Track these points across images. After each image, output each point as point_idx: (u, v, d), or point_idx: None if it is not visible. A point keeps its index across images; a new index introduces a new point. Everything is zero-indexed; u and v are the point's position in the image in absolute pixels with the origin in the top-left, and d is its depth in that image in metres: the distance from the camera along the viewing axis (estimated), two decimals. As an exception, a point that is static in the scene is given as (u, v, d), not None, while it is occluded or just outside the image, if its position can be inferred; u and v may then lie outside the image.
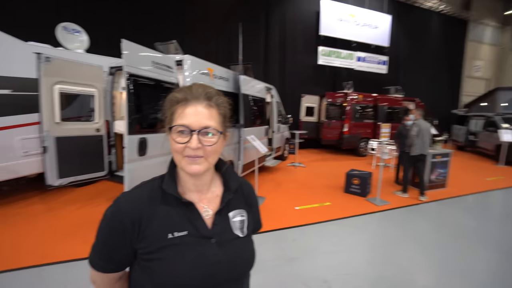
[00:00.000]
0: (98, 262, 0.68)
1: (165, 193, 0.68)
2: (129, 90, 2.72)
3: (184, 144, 0.63)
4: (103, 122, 4.03)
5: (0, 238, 2.89)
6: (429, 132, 4.67)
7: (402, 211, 4.19)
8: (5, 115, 3.62)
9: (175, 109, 0.66)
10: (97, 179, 4.06)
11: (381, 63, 11.73)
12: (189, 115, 0.64)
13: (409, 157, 4.74)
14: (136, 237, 0.65)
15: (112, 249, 0.66)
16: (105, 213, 0.68)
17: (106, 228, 0.67)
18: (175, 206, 0.69)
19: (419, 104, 9.88)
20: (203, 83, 0.71)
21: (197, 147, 0.63)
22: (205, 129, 0.64)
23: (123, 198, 0.68)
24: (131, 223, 0.65)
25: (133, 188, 0.71)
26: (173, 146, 0.65)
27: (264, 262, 2.60)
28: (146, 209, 0.66)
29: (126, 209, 0.66)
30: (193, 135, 0.63)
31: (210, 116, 0.66)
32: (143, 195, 0.69)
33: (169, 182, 0.70)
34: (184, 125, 0.63)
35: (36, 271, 2.37)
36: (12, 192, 4.23)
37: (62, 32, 4.80)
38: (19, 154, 3.78)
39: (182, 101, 0.66)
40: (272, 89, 6.60)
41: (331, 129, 9.03)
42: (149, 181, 0.73)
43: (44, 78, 3.33)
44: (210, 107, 0.66)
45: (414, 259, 2.82)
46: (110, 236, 0.66)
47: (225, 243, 0.71)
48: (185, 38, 8.00)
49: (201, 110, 0.65)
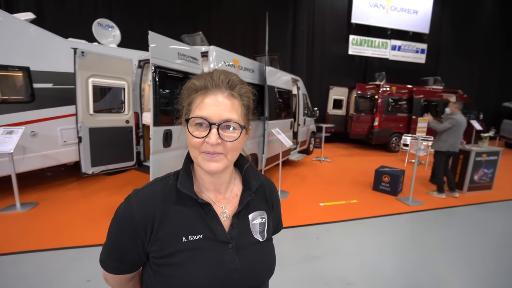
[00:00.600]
0: (108, 262, 0.64)
1: (180, 192, 0.62)
2: (155, 82, 2.75)
3: (202, 139, 0.57)
4: (132, 114, 4.19)
5: (43, 220, 3.16)
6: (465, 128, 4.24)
7: (437, 213, 3.85)
8: (48, 107, 3.92)
9: (193, 99, 0.60)
10: (126, 169, 4.27)
11: (418, 51, 10.78)
12: (209, 106, 0.57)
13: (438, 153, 4.36)
14: (147, 239, 0.61)
15: (123, 250, 0.62)
16: (116, 211, 0.64)
17: (116, 228, 0.63)
18: (190, 206, 0.63)
19: (461, 96, 8.98)
20: (226, 70, 0.63)
21: (217, 142, 0.56)
22: (226, 122, 0.57)
23: (134, 197, 0.63)
24: (143, 224, 0.60)
25: (145, 186, 0.66)
26: (189, 140, 0.58)
27: (285, 259, 2.54)
28: (158, 209, 0.61)
29: (137, 209, 0.61)
30: (212, 129, 0.56)
31: (232, 108, 0.59)
32: (156, 194, 0.63)
33: (184, 180, 0.63)
34: (203, 117, 0.56)
35: (73, 252, 2.55)
36: (54, 178, 4.61)
37: (97, 28, 5.04)
38: (60, 143, 4.09)
39: (201, 90, 0.59)
40: (299, 80, 6.39)
41: (360, 123, 8.58)
42: (163, 178, 0.68)
43: (80, 72, 3.51)
44: (233, 97, 0.59)
45: (450, 268, 2.57)
46: (120, 237, 0.62)
47: (243, 248, 0.65)
48: (212, 30, 8.04)
49: (222, 100, 0.58)
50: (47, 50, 3.89)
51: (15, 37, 3.54)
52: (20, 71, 3.62)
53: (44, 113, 3.89)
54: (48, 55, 3.90)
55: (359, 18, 9.80)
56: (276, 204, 0.80)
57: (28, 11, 4.59)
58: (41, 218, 3.19)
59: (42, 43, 3.83)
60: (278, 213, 0.83)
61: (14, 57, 3.54)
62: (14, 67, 3.57)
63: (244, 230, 0.67)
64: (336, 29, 9.85)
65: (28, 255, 2.47)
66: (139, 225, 0.60)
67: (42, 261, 2.41)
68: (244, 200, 0.68)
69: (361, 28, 9.97)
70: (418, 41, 10.70)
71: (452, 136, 4.18)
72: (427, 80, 9.64)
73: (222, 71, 0.61)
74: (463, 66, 11.63)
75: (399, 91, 8.55)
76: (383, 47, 10.31)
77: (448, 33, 11.27)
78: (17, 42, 3.56)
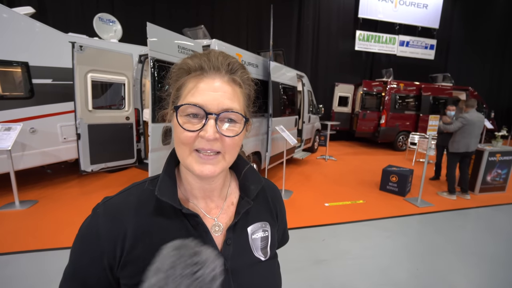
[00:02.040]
0: None
1: (160, 201, 0.50)
2: (154, 77, 2.64)
3: (195, 133, 0.45)
4: (133, 110, 4.09)
5: (42, 218, 3.10)
6: (480, 126, 4.04)
7: (447, 215, 3.69)
8: (47, 103, 3.85)
9: (184, 82, 0.48)
10: (126, 166, 4.19)
11: (428, 47, 10.50)
12: (205, 92, 0.45)
13: (449, 154, 4.19)
14: (117, 261, 0.48)
15: (86, 275, 0.49)
16: (81, 226, 0.51)
17: (79, 246, 0.50)
18: (173, 218, 0.50)
19: (472, 93, 8.71)
20: (224, 52, 0.50)
21: (214, 137, 0.45)
22: (226, 112, 0.46)
23: (103, 206, 0.51)
24: (111, 241, 0.48)
25: (118, 193, 0.53)
26: (178, 134, 0.46)
27: (289, 263, 2.43)
28: (131, 224, 0.49)
29: (104, 223, 0.49)
30: (209, 120, 0.44)
31: (234, 96, 0.47)
32: (129, 203, 0.51)
33: (165, 185, 0.51)
34: (198, 104, 0.44)
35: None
36: (54, 175, 4.56)
37: (98, 23, 4.95)
38: (60, 140, 4.02)
39: (195, 71, 0.47)
40: (304, 77, 6.23)
41: (367, 121, 8.39)
42: (141, 183, 0.55)
43: (78, 67, 3.42)
44: (234, 83, 0.48)
45: (463, 274, 2.42)
46: (84, 257, 0.49)
47: (241, 270, 0.52)
48: (215, 24, 7.90)
49: (221, 85, 0.46)
50: (47, 45, 3.80)
51: (14, 31, 3.45)
52: (18, 66, 3.54)
53: (44, 109, 3.81)
54: (48, 50, 3.81)
55: (366, 13, 9.56)
56: (281, 213, 0.67)
57: (29, 5, 4.52)
58: (40, 216, 3.12)
59: (42, 38, 3.74)
60: (284, 223, 0.69)
61: (12, 52, 3.46)
62: (13, 62, 3.49)
63: (242, 247, 0.54)
64: (343, 24, 9.63)
65: (27, 255, 2.40)
66: (107, 244, 0.48)
67: (41, 261, 2.34)
68: (242, 209, 0.55)
69: (368, 23, 9.73)
70: (427, 36, 10.41)
71: (465, 136, 4.00)
72: (436, 77, 9.37)
73: (221, 52, 0.49)
74: (474, 63, 11.28)
75: (407, 88, 8.33)
76: (390, 43, 10.05)
77: (459, 28, 10.93)
78: (15, 37, 3.47)
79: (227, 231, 0.54)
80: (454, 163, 4.21)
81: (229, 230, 0.54)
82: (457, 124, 4.02)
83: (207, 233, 0.52)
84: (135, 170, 4.97)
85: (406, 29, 10.13)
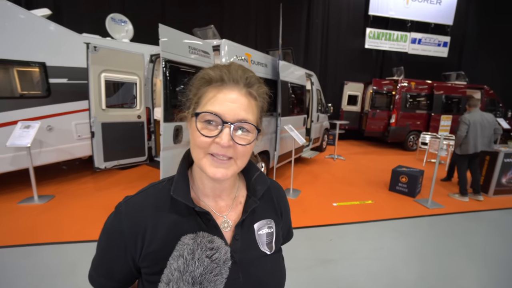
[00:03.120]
0: (96, 278, 0.58)
1: (175, 200, 0.56)
2: (165, 77, 2.70)
3: (211, 138, 0.50)
4: (144, 109, 4.18)
5: (59, 212, 3.23)
6: (488, 126, 3.92)
7: (459, 218, 3.63)
8: (63, 101, 3.98)
9: (205, 91, 0.53)
10: (138, 164, 4.30)
11: (441, 44, 10.23)
12: (224, 102, 0.50)
13: (459, 156, 4.12)
14: (138, 254, 0.54)
15: (112, 265, 0.56)
16: (105, 222, 0.58)
17: (104, 240, 0.57)
18: (187, 216, 0.56)
19: (487, 92, 8.46)
20: (242, 65, 0.55)
21: (229, 144, 0.49)
22: (241, 123, 0.50)
23: (124, 205, 0.57)
24: (133, 236, 0.54)
25: (138, 193, 0.59)
26: (195, 138, 0.51)
27: (296, 261, 2.46)
28: (150, 220, 0.55)
29: (126, 220, 0.55)
30: (225, 128, 0.49)
31: (249, 107, 0.52)
32: (147, 202, 0.57)
33: (180, 186, 0.56)
34: (216, 113, 0.49)
35: (86, 246, 2.58)
36: (69, 172, 4.72)
37: (110, 23, 5.06)
38: (75, 137, 4.16)
39: (216, 82, 0.52)
40: (313, 75, 6.20)
41: (376, 120, 8.28)
42: (158, 183, 0.61)
43: (92, 67, 3.52)
44: (250, 96, 0.53)
45: (474, 278, 2.39)
46: (109, 251, 0.56)
47: (248, 263, 0.57)
48: (224, 23, 7.94)
49: (239, 97, 0.51)
50: (62, 46, 3.93)
51: (32, 33, 3.59)
52: (36, 66, 3.68)
53: (60, 107, 3.95)
54: (63, 50, 3.94)
55: (377, 10, 9.40)
56: (286, 212, 0.72)
57: (45, 7, 4.66)
58: (57, 211, 3.25)
59: (58, 39, 3.87)
60: (288, 221, 0.75)
61: (30, 53, 3.60)
62: (31, 62, 3.62)
63: (249, 242, 0.59)
64: (352, 22, 9.50)
65: (46, 247, 2.52)
66: (129, 239, 0.54)
67: (57, 253, 2.45)
68: (249, 207, 0.60)
69: (379, 21, 9.56)
70: (440, 33, 10.15)
71: (472, 137, 3.91)
72: (449, 75, 9.15)
73: (240, 66, 0.54)
74: (489, 60, 10.88)
75: (418, 87, 8.16)
76: (402, 40, 9.85)
77: (474, 24, 10.58)
78: (33, 38, 3.61)
79: (235, 227, 0.59)
80: (464, 165, 4.14)
81: (237, 226, 0.59)
82: (461, 128, 3.94)
83: (217, 229, 0.57)
84: (146, 168, 5.09)
85: (418, 26, 9.90)
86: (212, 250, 0.46)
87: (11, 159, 3.50)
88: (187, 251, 0.45)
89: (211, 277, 0.44)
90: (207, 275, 0.44)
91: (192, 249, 0.45)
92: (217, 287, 0.45)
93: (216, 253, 0.46)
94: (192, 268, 0.43)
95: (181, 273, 0.43)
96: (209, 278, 0.44)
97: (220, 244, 0.48)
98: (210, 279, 0.44)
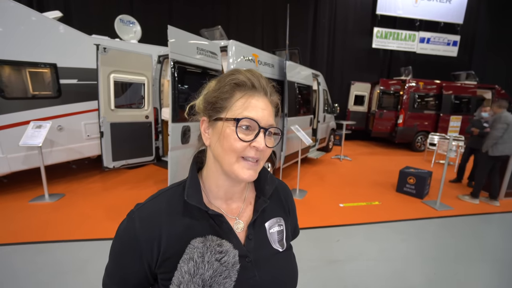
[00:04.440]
0: (111, 286, 0.59)
1: (187, 205, 0.57)
2: (174, 78, 2.73)
3: (247, 143, 0.52)
4: (151, 109, 4.23)
5: (69, 211, 3.30)
6: None
7: (469, 220, 3.57)
8: (73, 102, 4.06)
9: (233, 95, 0.54)
10: (145, 163, 4.35)
11: (450, 43, 10.04)
12: (257, 108, 0.53)
13: (488, 157, 3.93)
14: (155, 261, 0.54)
15: (126, 271, 0.56)
16: (118, 229, 0.58)
17: (118, 247, 0.57)
18: (200, 219, 0.57)
19: (499, 92, 8.27)
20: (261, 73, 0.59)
21: (264, 148, 0.53)
22: (272, 127, 0.55)
23: (137, 212, 0.57)
24: (149, 243, 0.54)
25: (149, 199, 0.60)
26: (231, 143, 0.52)
27: (303, 262, 2.45)
28: (165, 226, 0.55)
29: (140, 227, 0.55)
30: (260, 133, 0.53)
31: (273, 114, 0.57)
32: (161, 208, 0.57)
33: (192, 191, 0.57)
34: (254, 119, 0.52)
35: (96, 244, 2.63)
36: (79, 171, 4.81)
37: (119, 24, 5.14)
38: (84, 137, 4.24)
39: (247, 88, 0.54)
40: (319, 75, 6.17)
41: (383, 120, 8.19)
42: (168, 189, 0.61)
43: (102, 68, 3.58)
44: (272, 104, 0.58)
45: (484, 281, 2.35)
46: (123, 257, 0.56)
47: (263, 261, 0.58)
48: (231, 24, 7.96)
49: (267, 105, 0.55)
50: (73, 47, 4.01)
51: (43, 34, 3.67)
52: (48, 67, 3.76)
53: (70, 108, 4.03)
54: (73, 51, 4.02)
55: (384, 9, 9.28)
56: (293, 209, 0.75)
57: (56, 9, 4.76)
58: (67, 209, 3.32)
59: (68, 40, 3.95)
60: (295, 218, 0.77)
61: (43, 54, 3.68)
62: (43, 64, 3.71)
63: (262, 241, 0.61)
64: (359, 21, 9.41)
65: (57, 245, 2.58)
66: (145, 245, 0.54)
67: (68, 250, 2.50)
68: (259, 207, 0.62)
69: (387, 20, 9.44)
70: (450, 32, 9.96)
71: (506, 138, 3.78)
72: (458, 75, 8.97)
73: (261, 74, 0.57)
74: (501, 59, 10.62)
75: (427, 87, 8.03)
76: (410, 40, 9.71)
77: (486, 23, 10.31)
78: (45, 40, 3.69)
79: (248, 227, 0.60)
80: (488, 167, 3.97)
81: (250, 226, 0.60)
82: (499, 127, 3.78)
83: (231, 230, 0.58)
84: (153, 167, 5.15)
85: (427, 25, 9.74)
86: (221, 253, 0.47)
87: (23, 158, 3.59)
88: (197, 254, 0.46)
89: (221, 279, 0.45)
90: (217, 277, 0.45)
91: (202, 252, 0.46)
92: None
93: (225, 256, 0.47)
94: (202, 271, 0.44)
95: (192, 275, 0.44)
96: (219, 280, 0.45)
97: (228, 247, 0.49)
98: (219, 282, 0.45)
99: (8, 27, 3.33)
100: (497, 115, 3.88)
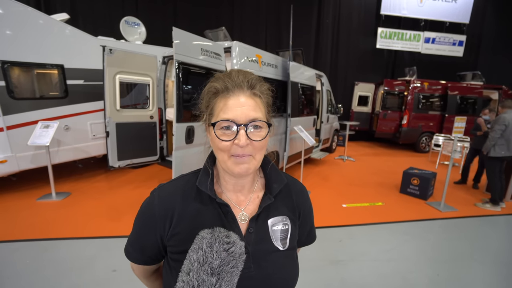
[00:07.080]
0: (131, 252, 0.67)
1: (200, 190, 0.63)
2: (179, 78, 2.77)
3: (230, 142, 0.56)
4: (156, 110, 4.28)
5: (76, 209, 3.35)
6: None
7: (474, 222, 3.54)
8: (79, 102, 4.13)
9: (215, 102, 0.58)
10: (150, 163, 4.40)
11: (456, 43, 9.93)
12: (233, 108, 0.56)
13: (491, 159, 3.89)
14: (166, 234, 0.62)
15: (144, 242, 0.64)
16: (142, 204, 0.66)
17: (140, 219, 0.65)
18: (209, 205, 0.62)
19: (506, 92, 8.17)
20: (242, 69, 0.61)
21: (246, 143, 0.55)
22: (253, 122, 0.56)
23: (158, 191, 0.65)
24: (162, 218, 0.62)
25: (170, 181, 0.68)
26: (217, 144, 0.58)
27: (306, 262, 2.45)
28: (178, 205, 0.62)
29: (158, 204, 0.63)
30: (240, 131, 0.55)
31: (256, 107, 0.58)
32: (177, 190, 0.65)
33: (204, 178, 0.63)
34: (229, 119, 0.55)
35: (101, 242, 2.68)
36: (85, 170, 4.89)
37: (124, 25, 5.20)
38: (90, 136, 4.31)
39: (222, 92, 0.57)
40: (323, 76, 6.17)
41: (387, 121, 8.15)
42: (186, 175, 0.69)
43: (108, 69, 3.64)
44: (255, 96, 0.59)
45: (488, 283, 2.34)
46: (143, 229, 0.64)
47: (261, 255, 0.61)
48: (235, 25, 8.00)
49: (245, 100, 0.57)
50: (79, 48, 4.08)
51: (51, 36, 3.74)
52: (55, 68, 3.83)
53: (76, 108, 4.10)
54: (80, 53, 4.09)
55: (389, 9, 9.24)
56: (307, 213, 0.74)
57: (63, 11, 4.85)
58: (74, 208, 3.38)
59: (75, 42, 4.02)
60: (310, 222, 0.77)
61: (50, 56, 3.75)
62: (51, 65, 3.78)
63: (263, 236, 0.63)
64: (363, 22, 9.38)
65: (62, 242, 2.63)
66: (159, 220, 0.62)
67: (74, 248, 2.55)
68: (264, 203, 0.64)
69: (391, 20, 9.39)
70: (455, 32, 9.85)
71: (505, 139, 3.74)
72: (464, 75, 8.89)
73: (239, 71, 0.60)
74: (508, 59, 10.46)
75: (432, 87, 7.97)
76: (415, 40, 9.64)
77: (492, 22, 10.18)
78: (52, 41, 3.76)
79: (250, 221, 0.63)
80: (495, 169, 3.89)
81: (252, 220, 0.63)
82: (497, 128, 3.76)
83: (234, 220, 0.62)
84: (157, 167, 5.20)
85: (432, 25, 9.66)
86: (228, 244, 0.49)
87: (31, 157, 3.66)
88: (206, 244, 0.49)
89: (228, 268, 0.47)
90: (224, 266, 0.47)
91: (210, 242, 0.49)
92: (233, 278, 0.48)
93: (233, 247, 0.49)
94: (211, 260, 0.47)
95: (201, 264, 0.47)
96: (226, 269, 0.47)
97: (236, 239, 0.51)
98: (227, 271, 0.47)
99: (17, 30, 3.41)
100: (499, 116, 3.85)
